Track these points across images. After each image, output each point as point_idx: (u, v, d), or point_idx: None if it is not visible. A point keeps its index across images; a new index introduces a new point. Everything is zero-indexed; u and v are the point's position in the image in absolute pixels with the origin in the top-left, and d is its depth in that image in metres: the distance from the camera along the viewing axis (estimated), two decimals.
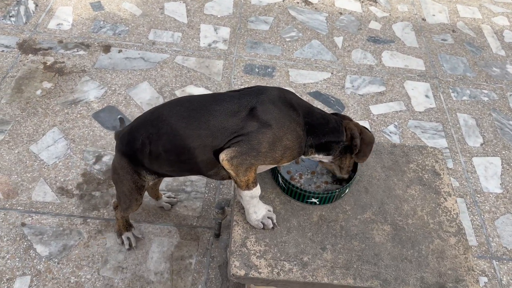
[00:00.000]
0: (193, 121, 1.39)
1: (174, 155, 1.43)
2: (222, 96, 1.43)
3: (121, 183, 1.61)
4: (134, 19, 3.00)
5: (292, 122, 1.38)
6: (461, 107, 2.76)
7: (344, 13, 3.32)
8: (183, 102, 1.45)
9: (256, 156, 1.35)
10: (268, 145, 1.35)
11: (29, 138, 2.27)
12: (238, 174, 1.37)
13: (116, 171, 1.60)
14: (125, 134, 1.54)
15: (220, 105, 1.40)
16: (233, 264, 1.40)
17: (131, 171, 1.55)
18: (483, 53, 3.15)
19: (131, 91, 2.56)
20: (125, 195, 1.64)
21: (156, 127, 1.43)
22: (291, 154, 1.40)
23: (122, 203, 1.69)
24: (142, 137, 1.46)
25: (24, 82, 2.53)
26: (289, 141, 1.37)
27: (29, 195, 2.06)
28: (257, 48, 2.93)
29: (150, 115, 1.49)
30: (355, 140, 1.45)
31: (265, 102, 1.38)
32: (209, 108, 1.40)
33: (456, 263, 1.46)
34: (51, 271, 1.84)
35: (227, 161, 1.36)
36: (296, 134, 1.38)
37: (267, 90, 1.43)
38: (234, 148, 1.35)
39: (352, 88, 2.77)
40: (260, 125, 1.35)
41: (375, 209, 1.57)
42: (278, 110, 1.37)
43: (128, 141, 1.51)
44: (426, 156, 1.76)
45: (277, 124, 1.35)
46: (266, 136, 1.34)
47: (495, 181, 2.40)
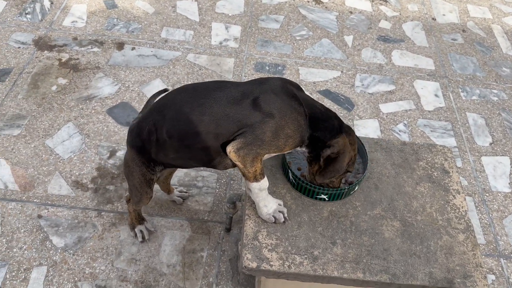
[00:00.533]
0: (197, 107, 1.42)
1: (178, 140, 1.46)
2: (227, 84, 1.47)
3: (131, 175, 1.65)
4: (147, 17, 3.04)
5: (294, 111, 1.41)
6: (471, 107, 2.77)
7: (354, 12, 3.34)
8: (188, 89, 1.49)
9: (261, 145, 1.39)
10: (271, 134, 1.38)
11: (45, 133, 2.32)
12: (245, 165, 1.41)
13: (127, 164, 1.64)
14: (134, 127, 1.58)
15: (224, 92, 1.43)
16: (245, 257, 1.44)
17: (139, 163, 1.59)
18: (493, 53, 3.16)
19: (144, 87, 2.61)
20: (136, 188, 1.68)
21: (162, 114, 1.47)
22: (293, 142, 1.43)
23: (133, 196, 1.73)
24: (148, 125, 1.50)
25: (40, 78, 2.58)
26: (290, 130, 1.40)
27: (45, 188, 2.11)
28: (267, 46, 2.97)
29: (157, 103, 1.53)
30: (327, 150, 1.42)
31: (267, 92, 1.41)
32: (213, 95, 1.43)
33: (464, 259, 1.49)
34: (66, 262, 1.89)
35: (234, 153, 1.39)
36: (297, 123, 1.41)
37: (270, 80, 1.47)
38: (240, 139, 1.39)
39: (362, 87, 2.79)
40: (263, 115, 1.38)
41: (385, 206, 1.59)
42: (280, 100, 1.40)
43: (137, 132, 1.55)
44: (436, 154, 1.78)
45: (279, 113, 1.39)
46: (269, 126, 1.38)
47: (504, 180, 2.41)
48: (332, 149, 1.43)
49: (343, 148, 1.44)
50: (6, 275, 1.82)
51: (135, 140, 1.56)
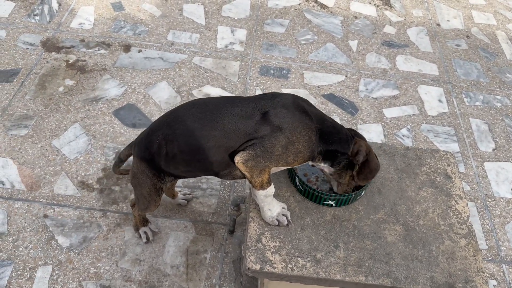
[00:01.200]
0: (208, 122, 1.44)
1: (189, 155, 1.48)
2: (237, 99, 1.49)
3: (140, 186, 1.66)
4: (153, 20, 3.07)
5: (305, 127, 1.42)
6: (474, 112, 2.78)
7: (359, 17, 3.36)
8: (199, 104, 1.50)
9: (270, 159, 1.40)
10: (281, 148, 1.40)
11: (51, 133, 2.35)
12: (252, 175, 1.43)
13: (136, 176, 1.65)
14: (143, 140, 1.58)
15: (235, 108, 1.45)
16: (249, 259, 1.45)
17: (150, 174, 1.60)
18: (497, 59, 3.17)
19: (150, 90, 2.63)
20: (144, 197, 1.69)
21: (172, 128, 1.49)
22: (303, 157, 1.44)
23: (140, 204, 1.75)
24: (158, 139, 1.51)
25: (47, 79, 2.61)
26: (301, 145, 1.42)
27: (51, 188, 2.14)
28: (272, 50, 2.99)
29: (166, 117, 1.54)
30: (358, 156, 1.46)
31: (278, 107, 1.43)
32: (223, 111, 1.45)
33: (465, 264, 1.50)
34: (71, 261, 1.91)
35: (242, 163, 1.41)
36: (308, 139, 1.42)
37: (281, 95, 1.48)
38: (249, 151, 1.40)
39: (366, 91, 2.81)
40: (273, 129, 1.39)
41: (388, 210, 1.61)
42: (291, 114, 1.42)
43: (146, 145, 1.56)
44: (439, 159, 1.79)
45: (290, 128, 1.40)
46: (279, 140, 1.39)
47: (506, 186, 2.42)
48: (361, 153, 1.46)
49: (368, 148, 1.48)
50: (12, 273, 1.85)
51: (144, 153, 1.57)
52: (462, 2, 3.64)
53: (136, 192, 1.71)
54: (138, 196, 1.72)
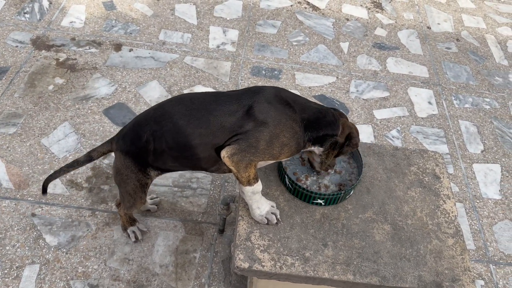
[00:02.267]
0: (194, 120, 1.45)
1: (177, 151, 1.49)
2: (222, 95, 1.49)
3: (125, 183, 1.64)
4: (145, 19, 3.07)
5: (288, 119, 1.43)
6: (463, 114, 2.81)
7: (350, 19, 3.38)
8: (185, 101, 1.50)
9: (255, 153, 1.41)
10: (266, 142, 1.41)
11: (40, 132, 2.33)
12: (239, 170, 1.43)
13: (120, 172, 1.62)
14: (128, 134, 1.56)
15: (220, 105, 1.46)
16: (238, 257, 1.45)
17: (135, 169, 1.59)
18: (486, 62, 3.21)
19: (141, 89, 2.62)
20: (129, 194, 1.67)
21: (160, 125, 1.49)
22: (289, 150, 1.45)
23: (126, 202, 1.73)
24: (146, 134, 1.51)
25: (37, 77, 2.59)
26: (285, 138, 1.43)
27: (40, 186, 2.11)
28: (264, 51, 2.99)
29: (153, 112, 1.53)
30: (354, 140, 1.51)
31: (261, 101, 1.44)
32: (209, 108, 1.46)
33: (453, 263, 1.51)
34: (59, 260, 1.89)
35: (228, 158, 1.42)
36: (292, 131, 1.43)
37: (264, 89, 1.49)
38: (234, 145, 1.41)
39: (357, 93, 2.83)
40: (257, 124, 1.41)
41: (376, 209, 1.62)
42: (274, 108, 1.43)
43: (132, 139, 1.54)
44: (427, 159, 1.81)
45: (274, 122, 1.41)
46: (263, 134, 1.40)
47: (494, 187, 2.44)
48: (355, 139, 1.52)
49: (352, 125, 1.54)
50: None
51: (130, 147, 1.55)
52: (452, 5, 3.68)
53: (121, 189, 1.69)
54: (123, 193, 1.70)
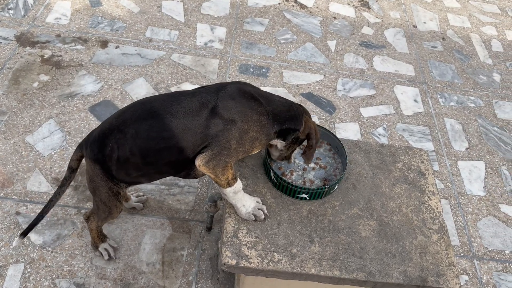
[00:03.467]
0: (155, 123, 1.41)
1: (140, 158, 1.45)
2: (182, 95, 1.45)
3: (98, 190, 1.58)
4: (131, 16, 3.04)
5: (255, 113, 1.42)
6: (448, 112, 2.85)
7: (337, 18, 3.40)
8: (145, 105, 1.46)
9: (229, 154, 1.41)
10: (236, 141, 1.40)
11: (25, 129, 2.30)
12: (217, 175, 1.43)
13: (92, 179, 1.56)
14: (95, 141, 1.51)
15: (181, 106, 1.42)
16: (225, 254, 1.45)
17: (104, 177, 1.53)
18: (471, 61, 3.25)
19: (127, 86, 2.60)
20: (104, 203, 1.61)
21: (123, 132, 1.44)
22: (260, 143, 1.46)
23: (101, 212, 1.65)
24: (111, 142, 1.46)
25: (21, 74, 2.55)
26: (255, 132, 1.43)
27: (24, 184, 2.09)
28: (252, 48, 2.99)
29: (115, 120, 1.48)
30: (312, 141, 1.52)
31: (225, 99, 1.42)
32: (170, 110, 1.42)
33: (437, 259, 1.53)
34: (44, 259, 1.87)
35: (204, 166, 1.41)
36: (260, 124, 1.43)
37: (226, 86, 1.47)
38: (207, 152, 1.40)
39: (344, 91, 2.84)
40: (225, 123, 1.39)
41: (362, 205, 1.63)
42: (239, 104, 1.42)
43: (99, 147, 1.49)
44: (412, 156, 1.83)
45: (241, 118, 1.40)
46: (232, 133, 1.39)
47: (479, 184, 2.48)
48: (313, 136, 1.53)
49: (313, 126, 1.54)
50: None
51: (97, 155, 1.50)
52: (438, 5, 3.72)
53: (95, 198, 1.62)
54: (98, 203, 1.63)
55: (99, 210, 1.66)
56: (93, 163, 1.52)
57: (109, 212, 1.64)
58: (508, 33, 3.56)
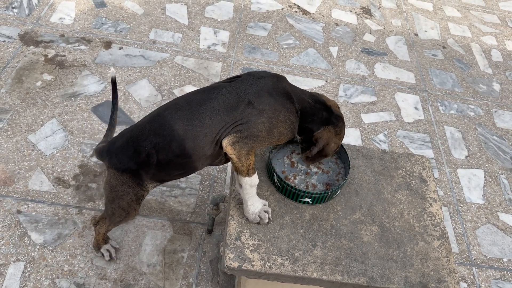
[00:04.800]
0: (198, 122, 1.45)
1: (185, 157, 1.48)
2: (218, 90, 1.49)
3: (119, 198, 1.58)
4: (135, 18, 3.05)
5: (287, 111, 1.50)
6: (448, 120, 2.87)
7: (340, 24, 3.42)
8: (182, 105, 1.48)
9: (256, 141, 1.47)
10: (266, 131, 1.47)
11: (27, 128, 2.30)
12: (240, 158, 1.46)
13: (115, 189, 1.56)
14: (123, 151, 1.51)
15: (219, 102, 1.46)
16: (228, 256, 1.46)
17: (133, 184, 1.54)
18: (471, 70, 3.28)
19: (130, 87, 2.61)
20: (123, 209, 1.61)
21: (161, 136, 1.46)
22: (285, 138, 1.54)
23: (116, 216, 1.65)
24: (147, 149, 1.47)
25: (24, 73, 2.56)
26: (283, 128, 1.50)
27: (26, 183, 2.09)
28: (255, 52, 3.01)
29: (149, 125, 1.49)
30: (314, 147, 1.56)
31: (261, 94, 1.48)
32: (209, 106, 1.46)
33: (438, 265, 1.54)
34: (45, 258, 1.87)
35: (230, 146, 1.45)
36: (289, 122, 1.51)
37: (262, 80, 1.51)
38: (236, 134, 1.45)
39: (345, 97, 2.86)
40: (258, 113, 1.46)
41: (364, 211, 1.64)
42: (274, 99, 1.48)
43: (130, 156, 1.50)
44: (414, 163, 1.84)
45: (273, 113, 1.47)
46: (264, 125, 1.46)
47: (478, 192, 2.50)
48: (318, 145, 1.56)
49: (327, 140, 1.57)
50: None
51: (128, 164, 1.50)
52: (439, 14, 3.76)
53: (113, 205, 1.61)
54: (115, 209, 1.61)
55: (113, 216, 1.64)
56: (121, 173, 1.52)
57: (125, 216, 1.64)
58: (508, 43, 3.59)
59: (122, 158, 1.51)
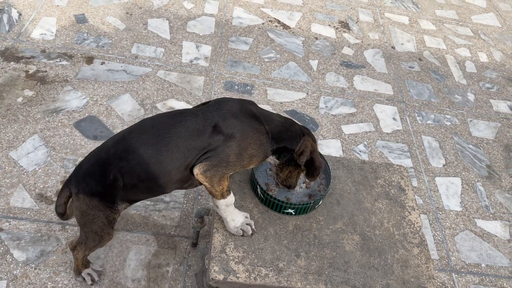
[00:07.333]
0: (163, 147, 1.45)
1: (151, 182, 1.48)
2: (184, 115, 1.49)
3: (91, 223, 1.56)
4: (117, 33, 3.07)
5: (255, 132, 1.49)
6: (426, 130, 2.95)
7: (319, 38, 3.50)
8: (147, 129, 1.49)
9: (227, 167, 1.46)
10: (236, 156, 1.46)
11: (8, 144, 2.29)
12: (213, 185, 1.47)
13: (86, 213, 1.54)
14: (89, 174, 1.50)
15: (184, 126, 1.46)
16: (213, 269, 1.47)
17: (103, 207, 1.53)
18: (446, 81, 3.39)
19: (113, 102, 2.62)
20: (96, 233, 1.59)
21: (126, 160, 1.46)
22: (257, 160, 1.53)
23: (90, 242, 1.63)
24: (113, 172, 1.46)
25: (5, 89, 2.54)
26: (253, 150, 1.49)
27: (7, 200, 2.07)
28: (237, 66, 3.06)
29: (114, 149, 1.48)
30: (302, 157, 1.56)
31: (227, 116, 1.48)
32: (175, 131, 1.46)
33: (418, 272, 1.59)
34: (28, 276, 1.85)
35: (202, 174, 1.45)
36: (259, 143, 1.50)
37: (228, 104, 1.52)
38: (206, 162, 1.45)
39: (326, 109, 2.92)
40: (226, 139, 1.45)
41: (346, 220, 1.68)
42: (241, 122, 1.48)
43: (96, 180, 1.49)
44: (393, 172, 1.90)
45: (241, 136, 1.46)
46: (232, 149, 1.45)
47: (456, 199, 2.57)
48: (305, 154, 1.55)
49: (312, 148, 1.58)
50: None
51: (95, 187, 1.49)
52: (415, 27, 3.88)
53: (86, 230, 1.60)
54: (88, 234, 1.60)
55: (88, 240, 1.63)
56: (90, 197, 1.51)
57: (99, 241, 1.63)
58: (481, 54, 3.73)
59: (90, 182, 1.50)
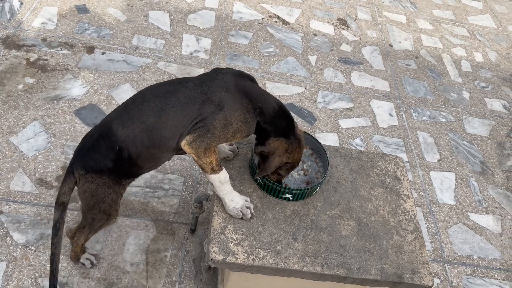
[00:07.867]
0: (164, 113, 1.49)
1: (154, 148, 1.52)
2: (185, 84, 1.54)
3: (101, 202, 1.57)
4: (118, 24, 3.09)
5: (243, 109, 1.52)
6: (421, 126, 3.00)
7: (318, 35, 3.54)
8: (148, 96, 1.53)
9: (211, 138, 1.49)
10: (221, 128, 1.50)
11: (9, 130, 2.30)
12: (199, 156, 1.50)
13: (95, 193, 1.55)
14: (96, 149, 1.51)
15: (184, 94, 1.51)
16: (212, 250, 1.50)
17: (112, 183, 1.55)
18: (442, 79, 3.44)
19: (113, 91, 2.64)
20: (104, 212, 1.60)
21: (130, 128, 1.49)
22: (240, 135, 1.56)
23: (97, 222, 1.63)
24: (118, 143, 1.49)
25: (6, 76, 2.56)
26: (238, 126, 1.52)
27: (7, 184, 2.08)
28: (236, 60, 3.09)
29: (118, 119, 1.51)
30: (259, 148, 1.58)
31: (221, 89, 1.52)
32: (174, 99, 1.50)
33: (412, 257, 1.63)
34: (27, 258, 1.87)
35: (188, 145, 1.50)
36: (244, 121, 1.53)
37: (224, 76, 1.55)
38: (193, 134, 1.50)
39: (324, 103, 2.96)
40: (215, 110, 1.49)
41: (342, 207, 1.72)
42: (231, 96, 1.51)
43: (103, 154, 1.51)
44: (389, 162, 1.94)
45: (229, 110, 1.50)
46: (219, 122, 1.49)
47: (449, 193, 2.62)
48: (263, 148, 1.57)
49: (274, 151, 1.57)
50: None
51: (104, 161, 1.51)
52: (412, 26, 3.93)
53: (93, 211, 1.60)
54: (95, 214, 1.60)
55: (94, 222, 1.63)
56: (99, 175, 1.52)
57: (107, 219, 1.63)
58: (476, 54, 3.79)
59: (97, 157, 1.51)
